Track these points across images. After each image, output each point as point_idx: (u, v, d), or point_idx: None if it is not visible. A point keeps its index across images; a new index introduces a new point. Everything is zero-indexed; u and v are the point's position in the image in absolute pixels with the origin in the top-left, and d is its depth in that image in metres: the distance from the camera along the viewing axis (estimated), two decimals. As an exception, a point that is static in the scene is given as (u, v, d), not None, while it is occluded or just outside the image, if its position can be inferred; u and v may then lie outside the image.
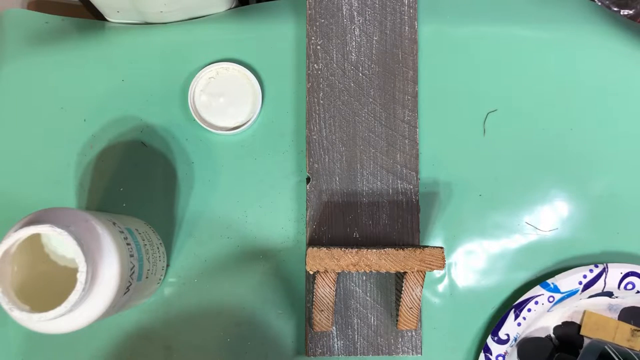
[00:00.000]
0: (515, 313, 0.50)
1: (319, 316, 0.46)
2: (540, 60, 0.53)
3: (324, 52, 0.51)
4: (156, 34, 0.52)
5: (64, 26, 0.54)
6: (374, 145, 0.51)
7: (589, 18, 0.53)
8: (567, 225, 0.52)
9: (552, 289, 0.50)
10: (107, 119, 0.52)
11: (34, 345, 0.50)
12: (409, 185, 0.51)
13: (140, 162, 0.52)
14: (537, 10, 0.53)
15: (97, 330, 0.51)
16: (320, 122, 0.51)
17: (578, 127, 0.53)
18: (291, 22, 0.53)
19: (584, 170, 0.53)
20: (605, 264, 0.50)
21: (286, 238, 0.52)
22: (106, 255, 0.39)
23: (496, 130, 0.53)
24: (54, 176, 0.52)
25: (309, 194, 0.51)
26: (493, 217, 0.52)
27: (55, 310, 0.36)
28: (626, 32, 0.53)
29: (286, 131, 0.52)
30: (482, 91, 0.53)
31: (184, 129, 0.52)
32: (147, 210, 0.52)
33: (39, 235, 0.40)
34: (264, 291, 0.51)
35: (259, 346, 0.51)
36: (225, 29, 0.53)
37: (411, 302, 0.46)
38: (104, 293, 0.39)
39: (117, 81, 0.52)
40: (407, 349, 0.50)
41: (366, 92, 0.51)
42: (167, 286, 0.51)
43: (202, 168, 0.52)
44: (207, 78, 0.51)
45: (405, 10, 0.52)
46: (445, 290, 0.52)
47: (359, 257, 0.45)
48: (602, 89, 0.53)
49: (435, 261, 0.45)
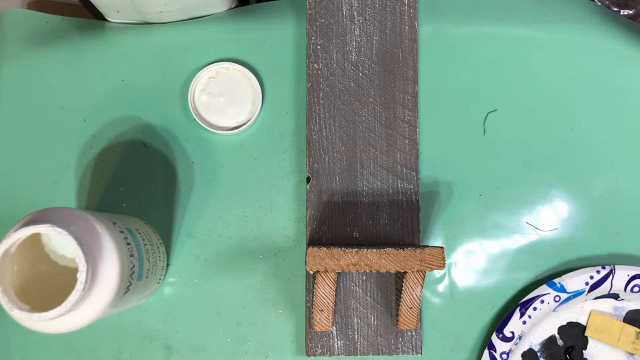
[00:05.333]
0: (520, 311, 0.50)
1: (319, 316, 0.46)
2: (540, 60, 0.53)
3: (324, 52, 0.51)
4: (156, 34, 0.52)
5: (64, 26, 0.54)
6: (374, 145, 0.51)
7: (589, 18, 0.53)
8: (567, 225, 0.52)
9: (558, 289, 0.50)
10: (107, 119, 0.52)
11: (34, 345, 0.50)
12: (409, 185, 0.51)
13: (140, 162, 0.52)
14: (537, 10, 0.53)
15: (97, 330, 0.51)
16: (320, 122, 0.51)
17: (578, 127, 0.53)
18: (291, 22, 0.53)
19: (584, 170, 0.53)
20: (613, 266, 0.50)
21: (286, 238, 0.52)
22: (106, 255, 0.39)
23: (496, 130, 0.53)
24: (54, 176, 0.52)
25: (309, 193, 0.51)
26: (493, 217, 0.52)
27: (55, 310, 0.36)
28: (626, 32, 0.53)
29: (286, 131, 0.52)
30: (482, 91, 0.53)
31: (184, 129, 0.52)
32: (147, 210, 0.52)
33: (39, 235, 0.40)
34: (264, 291, 0.51)
35: (259, 346, 0.51)
36: (225, 29, 0.53)
37: (411, 302, 0.46)
38: (104, 293, 0.39)
39: (117, 81, 0.52)
40: (407, 349, 0.50)
41: (366, 92, 0.51)
42: (167, 286, 0.51)
43: (202, 168, 0.52)
44: (207, 78, 0.51)
45: (405, 10, 0.52)
46: (445, 290, 0.52)
47: (359, 257, 0.45)
48: (602, 89, 0.53)
49: (435, 261, 0.45)
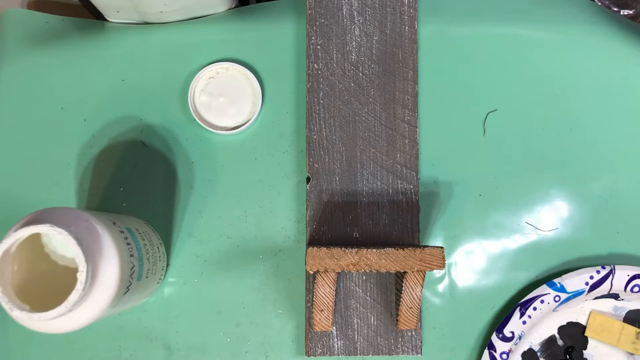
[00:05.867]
0: (520, 311, 0.50)
1: (319, 316, 0.46)
2: (540, 60, 0.53)
3: (324, 52, 0.51)
4: (156, 34, 0.52)
5: (64, 26, 0.54)
6: (374, 145, 0.51)
7: (589, 18, 0.53)
8: (567, 225, 0.52)
9: (558, 289, 0.50)
10: (107, 119, 0.52)
11: (34, 345, 0.50)
12: (409, 185, 0.51)
13: (140, 162, 0.52)
14: (537, 10, 0.53)
15: (97, 330, 0.51)
16: (320, 122, 0.51)
17: (578, 127, 0.53)
18: (291, 22, 0.53)
19: (584, 170, 0.53)
20: (613, 266, 0.50)
21: (286, 238, 0.52)
22: (106, 255, 0.39)
23: (496, 130, 0.53)
24: (54, 176, 0.52)
25: (309, 193, 0.51)
26: (493, 217, 0.52)
27: (55, 310, 0.36)
28: (626, 32, 0.53)
29: (286, 131, 0.52)
30: (482, 91, 0.53)
31: (184, 129, 0.52)
32: (147, 210, 0.52)
33: (39, 235, 0.40)
34: (264, 291, 0.51)
35: (259, 346, 0.51)
36: (225, 29, 0.53)
37: (411, 302, 0.46)
38: (104, 293, 0.39)
39: (117, 81, 0.52)
40: (407, 349, 0.50)
41: (366, 92, 0.51)
42: (167, 286, 0.51)
43: (202, 168, 0.52)
44: (207, 78, 0.51)
45: (405, 10, 0.52)
46: (445, 290, 0.52)
47: (359, 256, 0.45)
48: (602, 89, 0.53)
49: (435, 261, 0.45)
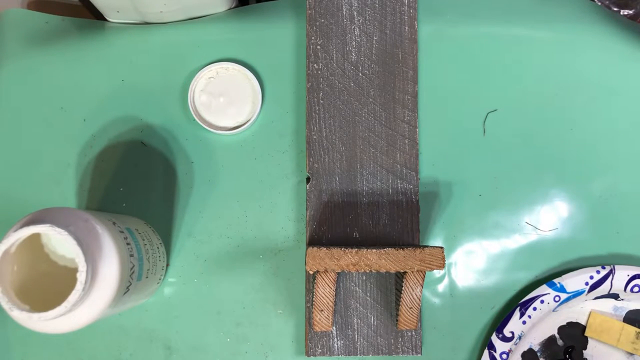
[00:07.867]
0: (520, 311, 0.50)
1: (319, 316, 0.46)
2: (540, 60, 0.53)
3: (324, 52, 0.51)
4: (156, 34, 0.52)
5: (64, 26, 0.54)
6: (374, 145, 0.51)
7: (589, 18, 0.53)
8: (567, 225, 0.52)
9: (558, 289, 0.50)
10: (107, 119, 0.52)
11: (34, 345, 0.50)
12: (409, 185, 0.51)
13: (140, 162, 0.52)
14: (537, 10, 0.53)
15: (97, 330, 0.51)
16: (320, 122, 0.51)
17: (578, 127, 0.53)
18: (291, 22, 0.53)
19: (584, 170, 0.53)
20: (613, 266, 0.50)
21: (286, 238, 0.52)
22: (106, 255, 0.39)
23: (496, 130, 0.53)
24: (54, 176, 0.52)
25: (309, 193, 0.51)
26: (493, 217, 0.52)
27: (55, 310, 0.36)
28: (626, 32, 0.53)
29: (286, 131, 0.52)
30: (482, 91, 0.53)
31: (184, 129, 0.52)
32: (147, 210, 0.52)
33: (38, 235, 0.40)
34: (264, 291, 0.51)
35: (258, 346, 0.51)
36: (225, 29, 0.53)
37: (411, 302, 0.46)
38: (103, 293, 0.39)
39: (117, 81, 0.52)
40: (407, 348, 0.50)
41: (366, 92, 0.51)
42: (167, 286, 0.51)
43: (202, 168, 0.52)
44: (207, 78, 0.51)
45: (405, 10, 0.52)
46: (445, 290, 0.52)
47: (359, 257, 0.45)
48: (602, 89, 0.53)
49: (435, 261, 0.45)
